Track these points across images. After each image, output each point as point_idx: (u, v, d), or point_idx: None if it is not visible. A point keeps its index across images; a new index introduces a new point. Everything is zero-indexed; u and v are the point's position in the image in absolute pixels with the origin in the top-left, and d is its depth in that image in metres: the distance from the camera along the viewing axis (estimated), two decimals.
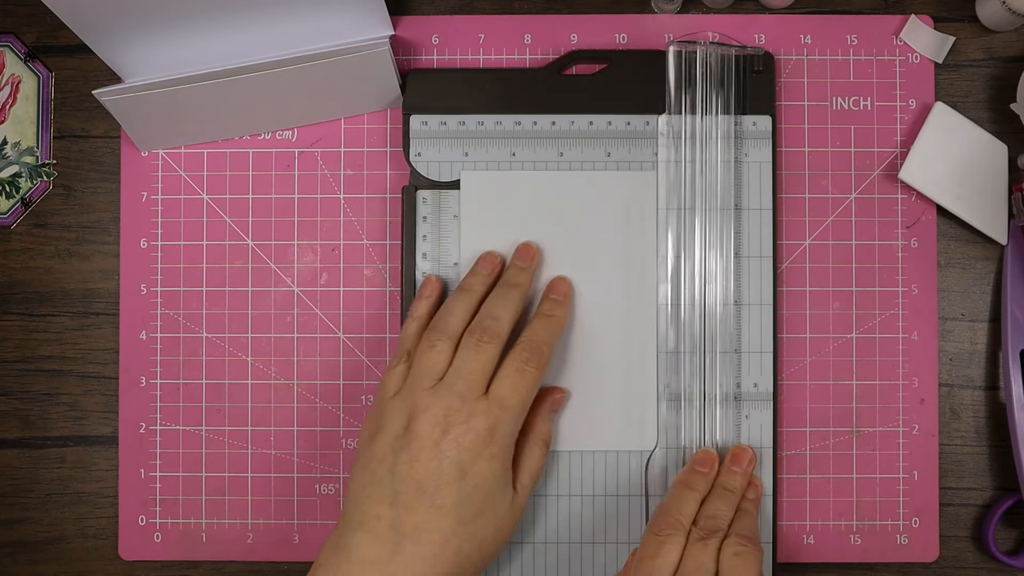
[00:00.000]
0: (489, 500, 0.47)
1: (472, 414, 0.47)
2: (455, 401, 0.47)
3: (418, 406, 0.47)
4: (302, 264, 0.56)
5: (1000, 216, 0.54)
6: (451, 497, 0.46)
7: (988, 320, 0.55)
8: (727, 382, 0.53)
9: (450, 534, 0.46)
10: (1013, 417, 0.54)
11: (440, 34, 0.56)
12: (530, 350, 0.49)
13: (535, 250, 0.52)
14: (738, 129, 0.54)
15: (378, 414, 0.48)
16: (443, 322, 0.49)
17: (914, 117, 0.55)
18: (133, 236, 0.56)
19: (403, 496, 0.46)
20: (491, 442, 0.47)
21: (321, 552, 0.47)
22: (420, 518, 0.46)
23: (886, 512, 0.54)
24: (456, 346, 0.49)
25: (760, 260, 0.54)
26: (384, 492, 0.46)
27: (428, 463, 0.46)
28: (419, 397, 0.47)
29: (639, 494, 0.53)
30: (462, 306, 0.50)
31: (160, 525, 0.55)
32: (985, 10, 0.55)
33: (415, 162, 0.54)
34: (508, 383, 0.48)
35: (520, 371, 0.48)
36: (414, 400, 0.47)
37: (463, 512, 0.46)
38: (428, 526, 0.46)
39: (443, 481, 0.46)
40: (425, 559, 0.46)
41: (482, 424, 0.47)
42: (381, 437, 0.47)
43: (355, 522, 0.46)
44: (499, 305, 0.50)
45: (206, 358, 0.55)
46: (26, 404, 0.56)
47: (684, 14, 0.56)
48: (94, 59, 0.52)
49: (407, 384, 0.48)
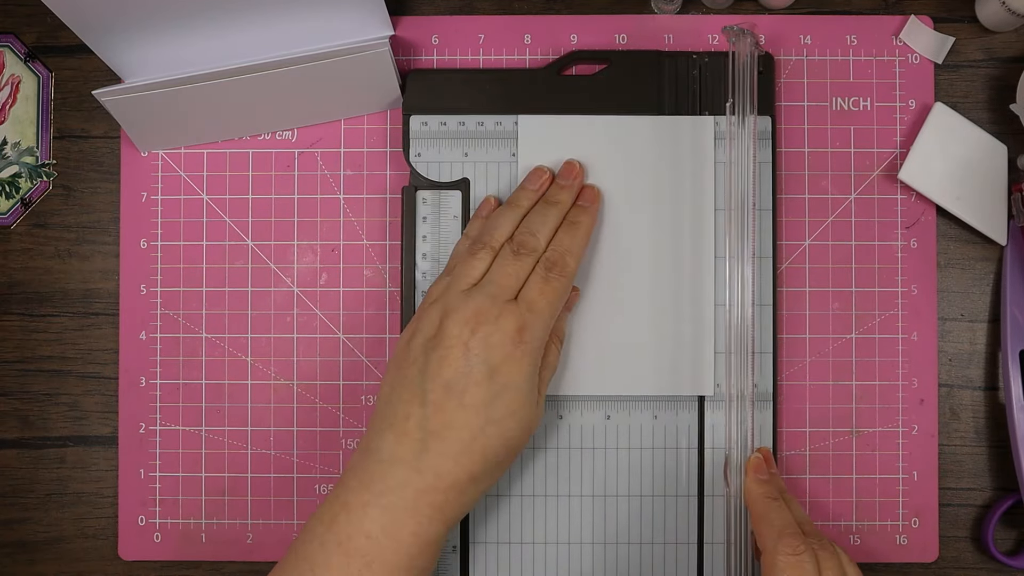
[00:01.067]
0: (517, 400, 0.47)
1: (501, 315, 0.47)
2: (485, 302, 0.47)
3: (449, 307, 0.48)
4: (302, 264, 0.56)
5: (1000, 217, 0.54)
6: (480, 396, 0.46)
7: (988, 320, 0.55)
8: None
9: (479, 432, 0.46)
10: (1012, 417, 0.54)
11: (440, 34, 0.56)
12: (554, 259, 0.49)
13: (579, 168, 0.53)
14: None
15: (416, 320, 0.49)
16: (487, 234, 0.50)
17: (914, 117, 0.55)
18: (133, 236, 0.56)
19: (432, 395, 0.46)
20: (520, 342, 0.47)
21: (352, 457, 0.48)
22: (448, 416, 0.46)
23: (886, 512, 0.54)
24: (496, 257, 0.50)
25: (760, 260, 0.54)
26: (413, 392, 0.46)
27: (457, 362, 0.46)
28: (452, 299, 0.48)
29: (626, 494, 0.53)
30: (507, 220, 0.51)
31: (160, 525, 0.55)
32: (985, 10, 0.55)
33: (415, 162, 0.54)
34: (535, 288, 0.49)
35: (545, 279, 0.49)
36: (447, 302, 0.48)
37: (491, 411, 0.46)
38: (456, 423, 0.46)
39: (472, 380, 0.46)
40: (451, 456, 0.46)
41: (511, 324, 0.47)
42: (415, 340, 0.48)
43: (384, 423, 0.47)
44: (538, 221, 0.50)
45: (206, 358, 0.55)
46: (26, 404, 0.56)
47: (684, 14, 0.56)
48: (94, 59, 0.52)
49: (445, 288, 0.49)
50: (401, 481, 0.45)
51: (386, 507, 0.45)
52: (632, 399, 0.53)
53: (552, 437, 0.54)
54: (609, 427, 0.54)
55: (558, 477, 0.54)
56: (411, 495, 0.45)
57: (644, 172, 0.54)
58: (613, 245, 0.54)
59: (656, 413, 0.53)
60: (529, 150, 0.54)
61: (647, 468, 0.53)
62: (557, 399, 0.54)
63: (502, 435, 0.47)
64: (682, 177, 0.54)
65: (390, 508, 0.45)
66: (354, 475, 0.46)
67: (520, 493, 0.54)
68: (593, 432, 0.54)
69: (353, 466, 0.47)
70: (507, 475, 0.54)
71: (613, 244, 0.54)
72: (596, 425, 0.54)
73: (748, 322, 0.52)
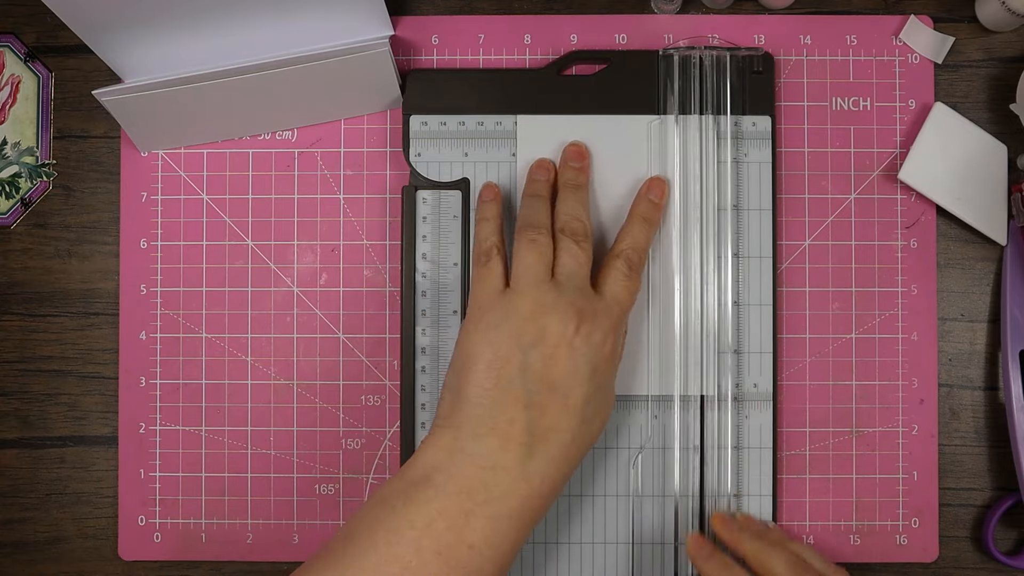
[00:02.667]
0: (606, 398, 0.47)
1: (598, 313, 0.47)
2: (580, 299, 0.47)
3: (544, 302, 0.46)
4: (302, 264, 0.56)
5: (1000, 217, 0.54)
6: (581, 396, 0.45)
7: (987, 321, 0.55)
8: (725, 383, 0.53)
9: (577, 432, 0.45)
10: (1012, 418, 0.54)
11: (440, 34, 0.56)
12: (636, 256, 0.50)
13: (584, 148, 0.53)
14: (738, 129, 0.54)
15: (487, 311, 0.47)
16: (534, 219, 0.49)
17: (914, 117, 0.55)
18: (133, 236, 0.56)
19: (537, 397, 0.45)
20: (614, 340, 0.47)
21: (425, 452, 0.45)
22: (552, 419, 0.45)
23: (886, 512, 0.54)
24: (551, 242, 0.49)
25: (760, 260, 0.54)
26: (515, 394, 0.45)
27: (564, 361, 0.45)
28: (543, 293, 0.46)
29: (626, 494, 0.53)
30: (541, 208, 0.50)
31: (160, 525, 0.55)
32: (985, 10, 0.55)
33: (415, 162, 0.54)
34: (621, 286, 0.49)
35: (629, 276, 0.49)
36: (537, 296, 0.46)
37: (587, 411, 0.46)
38: (559, 426, 0.45)
39: (577, 380, 0.45)
40: (554, 460, 0.45)
41: (607, 323, 0.47)
42: (501, 336, 0.46)
43: (484, 427, 0.44)
44: (575, 206, 0.50)
45: (206, 358, 0.55)
46: (26, 404, 0.56)
47: (684, 14, 0.56)
48: (94, 59, 0.52)
49: (516, 279, 0.47)
50: (507, 490, 0.44)
51: (490, 517, 0.43)
52: (631, 398, 0.53)
53: None
54: (609, 427, 0.53)
55: None
56: (516, 503, 0.44)
57: (642, 172, 0.54)
58: None
59: (656, 413, 0.53)
60: (529, 150, 0.54)
61: (647, 468, 0.53)
62: None
63: (591, 435, 0.47)
64: (683, 177, 0.54)
65: (494, 518, 0.44)
66: (451, 480, 0.44)
67: None
68: None
69: (443, 467, 0.44)
70: None
71: None
72: None
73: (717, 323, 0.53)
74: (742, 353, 0.54)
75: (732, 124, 0.54)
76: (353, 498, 0.55)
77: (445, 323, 0.54)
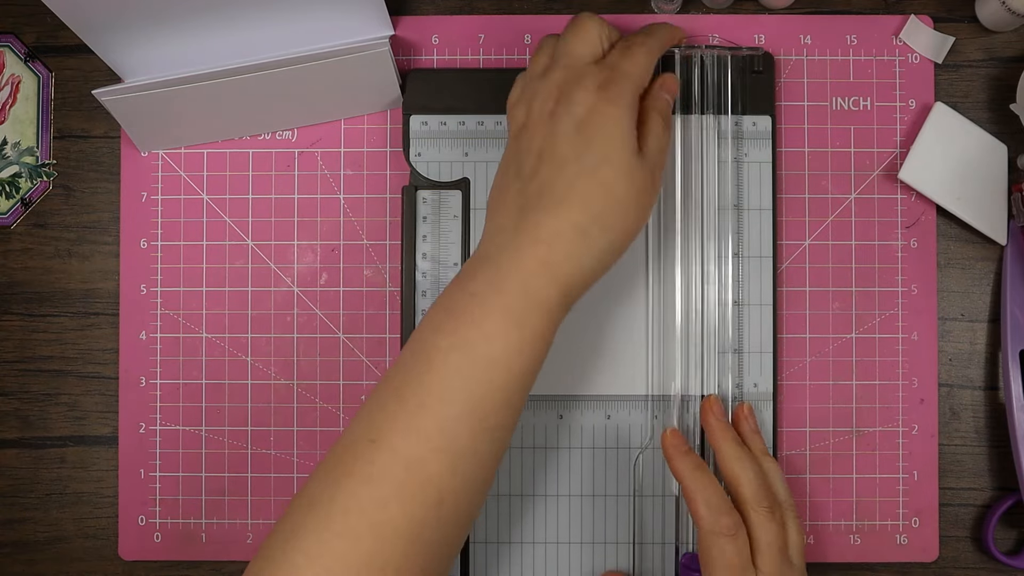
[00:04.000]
0: (610, 147, 0.44)
1: (582, 75, 0.45)
2: (562, 72, 0.46)
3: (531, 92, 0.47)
4: (302, 264, 0.56)
5: (1000, 216, 0.54)
6: (568, 148, 0.44)
7: (988, 320, 0.55)
8: (726, 382, 0.53)
9: (573, 179, 0.44)
10: (1012, 417, 0.54)
11: (440, 34, 0.56)
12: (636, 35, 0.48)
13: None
14: (738, 129, 0.54)
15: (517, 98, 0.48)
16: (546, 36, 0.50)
17: (914, 117, 0.55)
18: (133, 236, 0.56)
19: (526, 167, 0.45)
20: (605, 93, 0.45)
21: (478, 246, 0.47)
22: (543, 177, 0.44)
23: (886, 512, 0.54)
24: None
25: (760, 260, 0.54)
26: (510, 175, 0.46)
27: (543, 128, 0.45)
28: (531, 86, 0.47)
29: (627, 494, 0.53)
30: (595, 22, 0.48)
31: (160, 525, 0.55)
32: (985, 10, 0.55)
33: (415, 162, 0.54)
34: (617, 53, 0.47)
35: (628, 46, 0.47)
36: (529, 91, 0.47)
37: (583, 161, 0.44)
38: (551, 180, 0.44)
39: (559, 137, 0.44)
40: (548, 209, 0.44)
41: (592, 81, 0.45)
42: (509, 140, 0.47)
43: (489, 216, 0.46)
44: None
45: (206, 358, 0.55)
46: (26, 404, 0.56)
47: (684, 14, 0.56)
48: (94, 59, 0.52)
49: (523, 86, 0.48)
50: (501, 244, 0.44)
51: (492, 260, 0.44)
52: (631, 398, 0.53)
53: (552, 437, 0.54)
54: (609, 427, 0.54)
55: (558, 477, 0.54)
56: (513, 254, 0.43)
57: None
58: None
59: (656, 413, 0.53)
60: None
61: (647, 468, 0.53)
62: (557, 399, 0.54)
63: (599, 182, 0.44)
64: (684, 176, 0.54)
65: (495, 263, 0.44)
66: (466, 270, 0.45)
67: (520, 493, 0.54)
68: (593, 432, 0.54)
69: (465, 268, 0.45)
70: (507, 474, 0.54)
71: None
72: (596, 425, 0.54)
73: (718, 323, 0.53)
74: (742, 353, 0.54)
75: (732, 124, 0.54)
76: None
77: None
